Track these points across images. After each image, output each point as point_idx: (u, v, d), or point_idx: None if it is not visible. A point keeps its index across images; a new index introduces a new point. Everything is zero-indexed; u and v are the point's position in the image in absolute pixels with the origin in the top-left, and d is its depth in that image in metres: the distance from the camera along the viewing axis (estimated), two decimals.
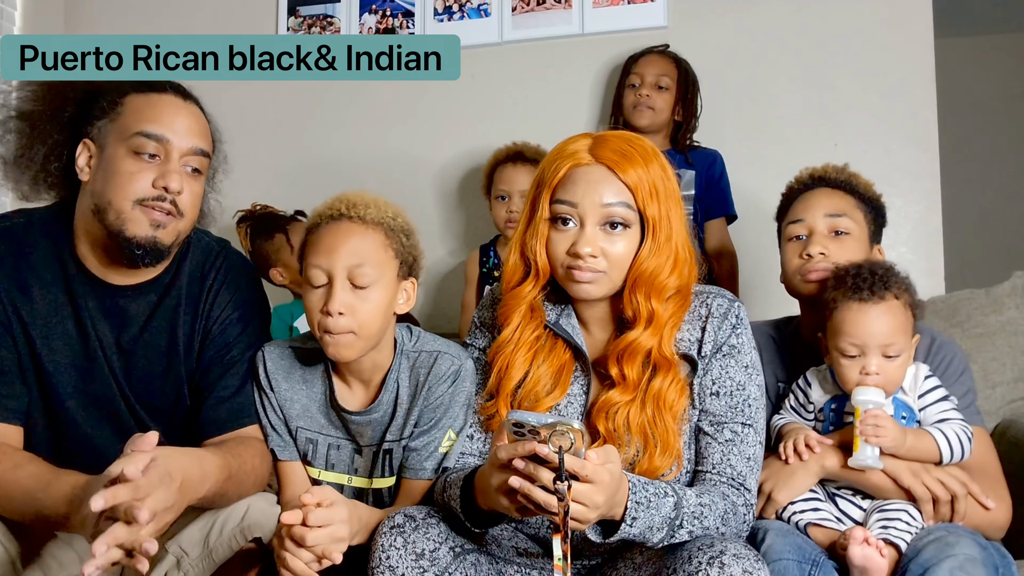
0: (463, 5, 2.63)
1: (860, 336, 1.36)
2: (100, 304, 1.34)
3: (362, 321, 1.26)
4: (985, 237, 3.87)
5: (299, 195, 2.50)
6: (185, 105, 1.34)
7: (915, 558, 1.20)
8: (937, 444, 1.34)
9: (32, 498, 1.15)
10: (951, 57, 3.09)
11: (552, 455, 0.99)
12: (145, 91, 1.33)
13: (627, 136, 1.30)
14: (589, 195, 1.24)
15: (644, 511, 1.07)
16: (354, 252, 1.26)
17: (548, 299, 1.36)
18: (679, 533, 1.12)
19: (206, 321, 1.39)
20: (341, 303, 1.24)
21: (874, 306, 1.37)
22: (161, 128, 1.29)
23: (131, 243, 1.27)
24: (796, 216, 1.54)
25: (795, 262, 1.52)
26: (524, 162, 2.22)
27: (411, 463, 1.35)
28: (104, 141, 1.30)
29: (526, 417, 1.02)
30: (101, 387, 1.34)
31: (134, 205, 1.27)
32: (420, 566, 1.11)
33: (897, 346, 1.36)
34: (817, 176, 1.57)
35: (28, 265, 1.32)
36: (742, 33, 2.47)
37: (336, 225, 1.28)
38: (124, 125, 1.29)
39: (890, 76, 2.37)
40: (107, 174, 1.28)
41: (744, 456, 1.25)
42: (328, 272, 1.26)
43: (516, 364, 1.32)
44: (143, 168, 1.27)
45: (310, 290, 1.28)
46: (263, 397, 1.39)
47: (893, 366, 1.37)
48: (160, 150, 1.29)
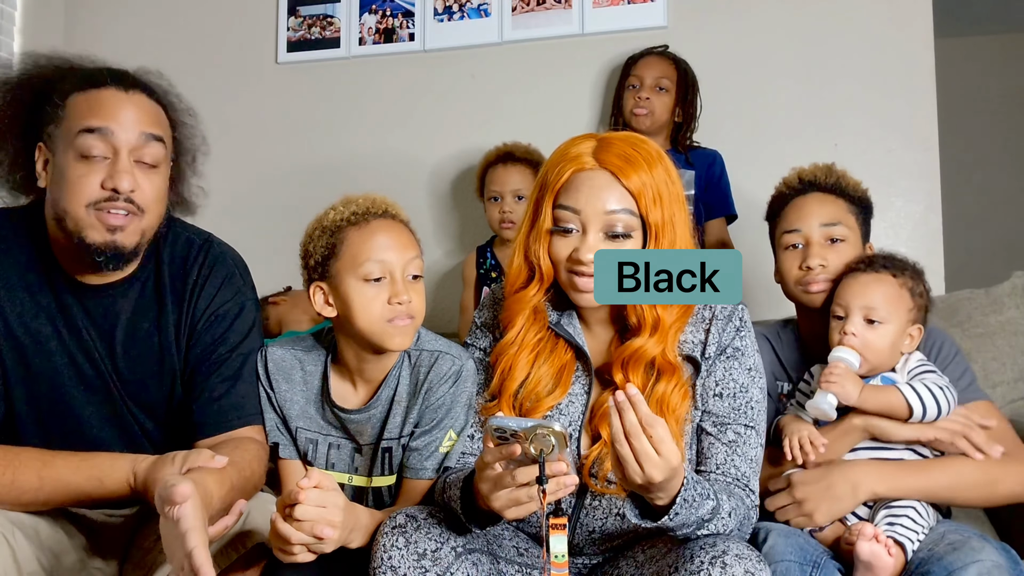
0: (463, 5, 2.63)
1: (846, 297, 1.44)
2: (85, 306, 1.32)
3: (419, 309, 1.34)
4: (985, 237, 3.87)
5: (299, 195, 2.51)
6: (128, 96, 1.27)
7: (939, 561, 1.20)
8: (904, 397, 1.36)
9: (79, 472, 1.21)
10: (951, 57, 3.09)
11: (526, 454, 1.02)
12: (86, 88, 1.27)
13: (632, 139, 1.29)
14: (592, 202, 1.24)
15: (687, 509, 1.08)
16: (408, 246, 1.34)
17: (550, 300, 1.36)
18: (700, 531, 1.13)
19: (191, 317, 1.36)
20: (408, 293, 1.31)
21: (863, 274, 1.45)
22: (102, 121, 1.23)
23: (91, 249, 1.24)
24: (791, 225, 1.55)
25: (794, 273, 1.54)
26: (515, 162, 2.23)
27: (412, 463, 1.35)
28: (55, 146, 1.26)
29: (506, 423, 1.04)
30: (100, 387, 1.33)
31: (88, 210, 1.23)
32: (422, 566, 1.11)
33: (879, 312, 1.41)
34: (807, 180, 1.56)
35: (14, 265, 1.31)
36: (742, 33, 2.47)
37: (386, 222, 1.34)
38: (68, 127, 1.25)
39: (890, 76, 2.37)
40: (59, 181, 1.24)
41: (747, 458, 1.25)
42: (391, 265, 1.31)
43: (519, 366, 1.33)
44: (91, 170, 1.23)
45: (364, 286, 1.31)
46: (266, 395, 1.39)
47: (875, 334, 1.41)
48: (107, 148, 1.24)
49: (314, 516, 1.08)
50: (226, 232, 1.49)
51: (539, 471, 1.02)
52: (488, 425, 1.06)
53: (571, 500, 1.28)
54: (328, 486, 1.12)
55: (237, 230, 1.57)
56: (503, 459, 1.06)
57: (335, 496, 1.12)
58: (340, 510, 1.12)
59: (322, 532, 1.08)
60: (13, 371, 1.30)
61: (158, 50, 2.76)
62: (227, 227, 1.54)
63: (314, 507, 1.09)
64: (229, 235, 1.49)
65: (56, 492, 1.21)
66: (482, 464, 1.10)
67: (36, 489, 1.20)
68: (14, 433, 1.31)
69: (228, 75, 2.77)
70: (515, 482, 1.05)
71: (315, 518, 1.08)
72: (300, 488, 1.08)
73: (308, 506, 1.08)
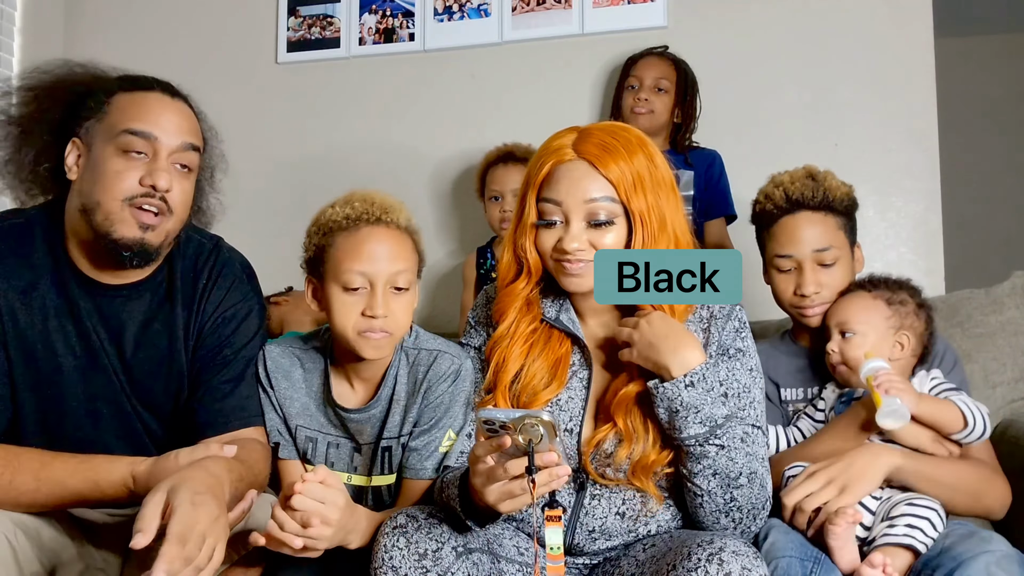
0: (463, 5, 2.63)
1: (826, 320, 1.50)
2: (97, 306, 1.33)
3: (398, 322, 1.31)
4: (985, 237, 3.87)
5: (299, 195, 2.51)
6: (173, 102, 1.32)
7: (948, 552, 1.19)
8: (962, 410, 1.35)
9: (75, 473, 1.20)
10: (951, 57, 3.08)
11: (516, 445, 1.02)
12: (132, 89, 1.31)
13: (612, 128, 1.30)
14: (572, 192, 1.26)
15: (703, 385, 1.17)
16: (396, 257, 1.30)
17: (545, 294, 1.37)
18: (712, 439, 1.19)
19: (199, 320, 1.38)
20: (385, 307, 1.28)
21: (841, 297, 1.50)
22: (148, 125, 1.27)
23: (118, 245, 1.26)
24: (783, 250, 1.54)
25: (789, 297, 1.56)
26: (515, 162, 2.23)
27: (412, 463, 1.35)
28: (92, 140, 1.29)
29: (495, 414, 1.05)
30: (105, 389, 1.34)
31: (123, 205, 1.25)
32: (423, 566, 1.11)
33: (850, 325, 1.44)
34: (795, 199, 1.53)
35: (29, 265, 1.31)
36: (742, 33, 2.47)
37: (375, 230, 1.31)
38: (111, 124, 1.28)
39: (890, 76, 2.37)
40: (95, 173, 1.27)
41: (757, 457, 1.25)
42: (372, 277, 1.29)
43: (512, 358, 1.34)
44: (131, 166, 1.26)
45: (342, 294, 1.29)
46: (266, 395, 1.39)
47: (849, 346, 1.43)
48: (148, 148, 1.27)
49: (310, 508, 1.09)
50: (226, 232, 1.50)
51: (528, 461, 1.02)
52: (477, 418, 1.07)
53: (570, 500, 1.28)
54: (333, 484, 1.12)
55: (236, 230, 1.57)
56: (494, 451, 1.06)
57: (336, 495, 1.12)
58: (339, 509, 1.12)
59: (312, 524, 1.09)
60: (20, 371, 1.30)
61: (158, 50, 2.76)
62: (227, 227, 1.54)
63: (312, 500, 1.09)
64: (229, 235, 1.49)
65: (53, 494, 1.21)
66: (474, 458, 1.10)
67: (34, 491, 1.21)
68: (18, 433, 1.31)
69: (228, 75, 2.77)
70: (507, 475, 1.05)
71: (311, 510, 1.09)
72: (304, 480, 1.09)
73: (306, 497, 1.09)
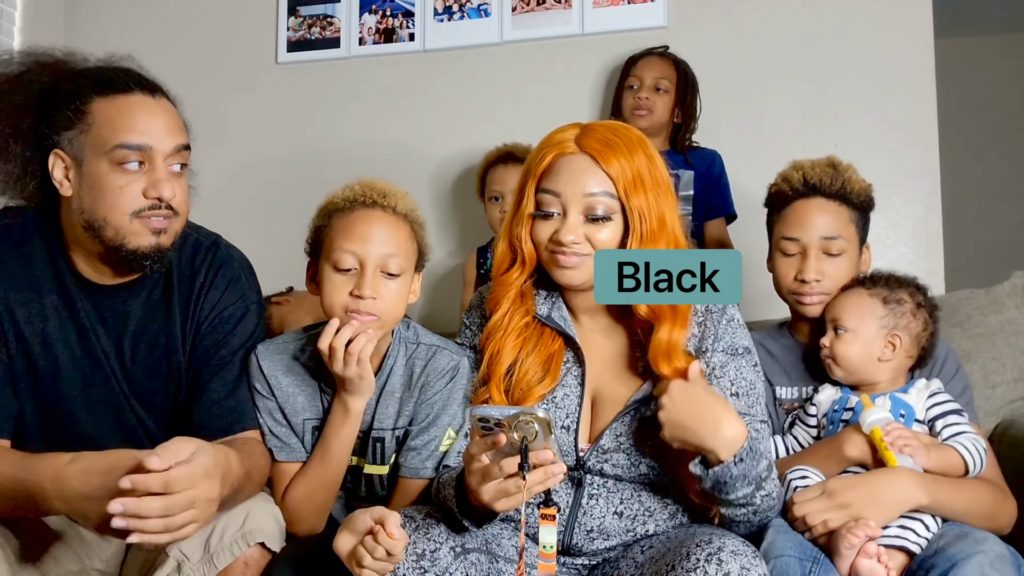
0: (463, 5, 2.63)
1: (825, 314, 1.50)
2: (95, 306, 1.33)
3: (387, 307, 1.30)
4: (985, 237, 3.87)
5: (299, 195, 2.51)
6: (156, 103, 1.28)
7: (942, 552, 1.19)
8: (963, 457, 1.33)
9: (15, 481, 1.12)
10: (951, 57, 3.09)
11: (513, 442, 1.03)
12: (109, 93, 1.25)
13: (613, 126, 1.31)
14: (572, 184, 1.26)
15: (751, 457, 1.15)
16: (388, 241, 1.30)
17: (538, 289, 1.37)
18: (759, 492, 1.18)
19: (196, 319, 1.37)
20: (373, 287, 1.27)
21: (841, 292, 1.49)
22: (140, 136, 1.23)
23: (136, 254, 1.25)
24: (791, 232, 1.53)
25: (789, 282, 1.54)
26: (515, 162, 2.22)
27: (411, 463, 1.35)
28: (80, 154, 1.24)
29: (489, 411, 1.05)
30: (104, 389, 1.33)
31: (131, 219, 1.24)
32: (421, 567, 1.11)
33: (843, 321, 1.44)
34: (812, 183, 1.52)
35: (27, 266, 1.31)
36: (742, 33, 2.47)
37: (370, 212, 1.31)
38: (100, 137, 1.23)
39: (890, 76, 2.37)
40: (94, 192, 1.24)
41: (768, 451, 1.26)
42: (362, 258, 1.29)
43: (506, 350, 1.34)
44: (131, 179, 1.23)
45: (333, 273, 1.30)
46: (260, 399, 1.37)
47: (841, 343, 1.43)
48: (144, 157, 1.24)
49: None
50: (225, 232, 1.49)
51: (521, 458, 1.02)
52: (472, 415, 1.06)
53: (568, 499, 1.28)
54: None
55: (236, 230, 1.57)
56: (489, 450, 1.06)
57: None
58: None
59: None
60: (21, 370, 1.30)
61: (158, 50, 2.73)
62: (227, 227, 1.54)
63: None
64: (228, 235, 1.49)
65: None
66: (468, 457, 1.10)
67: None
68: (18, 433, 1.31)
69: (228, 75, 2.78)
70: (502, 473, 1.05)
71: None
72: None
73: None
